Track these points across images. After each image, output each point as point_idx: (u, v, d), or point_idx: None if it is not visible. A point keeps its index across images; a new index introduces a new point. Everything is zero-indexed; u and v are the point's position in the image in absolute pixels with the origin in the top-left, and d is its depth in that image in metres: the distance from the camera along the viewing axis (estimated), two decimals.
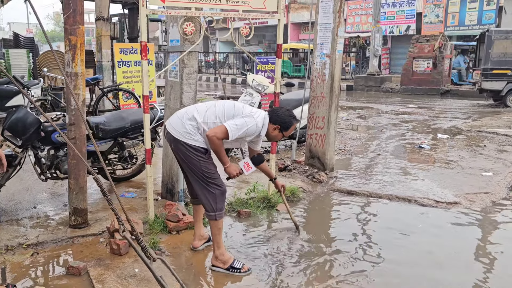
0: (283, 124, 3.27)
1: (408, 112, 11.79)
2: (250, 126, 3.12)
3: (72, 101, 3.70)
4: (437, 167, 6.17)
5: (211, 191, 3.19)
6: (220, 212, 3.24)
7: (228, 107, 3.22)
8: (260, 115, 3.22)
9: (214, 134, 3.05)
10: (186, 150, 3.17)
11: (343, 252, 3.64)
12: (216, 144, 3.08)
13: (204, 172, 3.18)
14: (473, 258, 3.59)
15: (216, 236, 3.29)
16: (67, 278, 3.17)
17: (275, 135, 3.32)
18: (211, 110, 3.21)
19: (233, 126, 3.06)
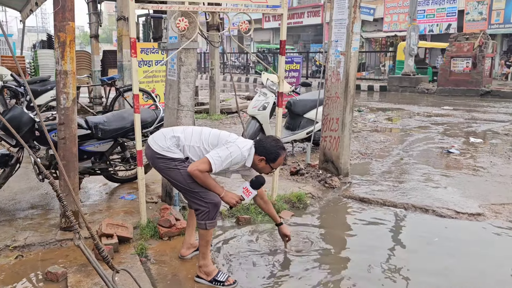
0: (269, 156, 3.04)
1: (441, 114, 11.17)
2: (235, 157, 2.94)
3: (62, 100, 3.58)
4: (464, 174, 5.69)
5: (203, 204, 2.98)
6: (212, 221, 3.02)
7: (213, 134, 3.09)
8: (246, 144, 3.04)
9: (196, 168, 2.88)
10: (165, 163, 3.03)
11: (336, 267, 3.33)
12: (201, 177, 2.91)
13: (194, 190, 2.98)
14: (495, 282, 3.19)
15: (202, 246, 3.07)
16: (44, 284, 3.04)
17: (262, 167, 3.09)
18: (196, 134, 3.09)
19: (216, 158, 2.89)
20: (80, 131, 4.35)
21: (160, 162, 3.06)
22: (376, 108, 12.28)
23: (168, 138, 3.07)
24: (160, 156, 3.03)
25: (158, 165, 3.09)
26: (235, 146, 2.96)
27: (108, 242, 3.46)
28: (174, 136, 3.06)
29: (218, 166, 2.89)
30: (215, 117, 10.19)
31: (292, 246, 3.64)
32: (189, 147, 3.03)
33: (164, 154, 3.03)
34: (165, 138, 3.08)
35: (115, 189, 4.96)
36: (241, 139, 3.09)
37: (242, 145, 3.00)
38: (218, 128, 7.65)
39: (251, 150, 3.05)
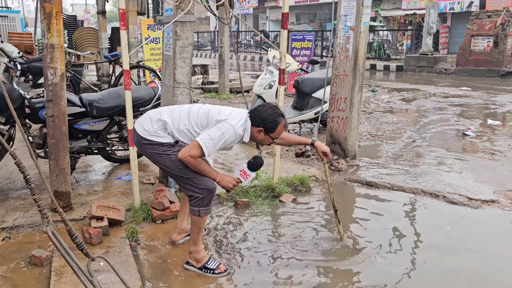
0: (267, 126, 2.74)
1: (459, 95, 10.73)
2: (228, 136, 2.68)
3: (49, 76, 3.40)
4: (479, 157, 5.39)
5: (197, 190, 2.76)
6: (206, 208, 2.81)
7: (203, 113, 2.79)
8: (240, 118, 2.74)
9: (188, 153, 2.64)
10: (153, 149, 2.79)
11: (333, 254, 3.13)
12: (193, 163, 2.67)
13: (187, 176, 2.76)
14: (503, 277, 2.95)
15: (194, 233, 2.88)
16: (27, 268, 2.91)
17: (262, 138, 2.81)
18: (184, 115, 2.80)
19: (207, 141, 2.63)
20: (75, 109, 4.20)
21: (148, 148, 2.82)
22: (391, 88, 11.88)
23: (155, 122, 2.81)
24: (147, 141, 2.80)
25: (146, 152, 2.86)
26: (227, 125, 2.66)
27: (97, 225, 3.31)
28: (160, 120, 2.80)
29: (211, 149, 2.64)
30: (224, 96, 9.97)
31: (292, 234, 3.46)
32: (178, 131, 2.76)
33: (151, 139, 2.79)
34: (152, 121, 2.82)
35: (113, 169, 4.81)
36: (235, 113, 2.76)
37: (235, 121, 2.70)
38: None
39: (247, 124, 2.76)
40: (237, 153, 5.43)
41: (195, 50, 30.17)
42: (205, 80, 12.21)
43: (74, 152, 4.33)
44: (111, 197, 3.98)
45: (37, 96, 3.97)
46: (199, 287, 2.72)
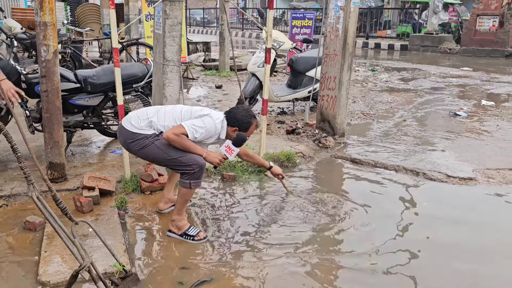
0: (241, 126, 3.07)
1: (459, 75, 10.74)
2: (209, 128, 2.96)
3: (42, 52, 3.56)
4: (465, 137, 5.51)
5: (188, 168, 2.94)
6: (197, 181, 3.00)
7: (186, 111, 3.07)
8: (218, 117, 3.05)
9: (172, 131, 2.88)
10: (139, 143, 2.98)
11: (310, 223, 3.32)
12: (177, 140, 2.88)
13: (174, 157, 2.94)
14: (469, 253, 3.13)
15: (180, 204, 3.07)
16: (21, 232, 3.14)
17: None
18: (168, 113, 3.05)
19: (191, 125, 2.90)
20: (69, 85, 4.36)
21: (135, 146, 3.00)
22: (391, 67, 11.89)
23: (142, 119, 3.02)
24: (133, 139, 2.99)
25: (133, 149, 3.05)
26: (208, 119, 2.97)
27: (89, 194, 3.53)
28: (147, 118, 3.01)
29: (192, 133, 2.89)
30: (224, 74, 10.08)
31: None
32: (163, 126, 2.98)
33: (137, 133, 2.98)
34: (139, 118, 3.03)
35: (109, 143, 5.01)
36: (214, 112, 3.09)
37: (215, 117, 3.02)
38: (226, 85, 7.53)
39: (224, 123, 3.06)
40: None
41: (200, 27, 30.05)
42: (207, 57, 12.29)
43: (70, 126, 4.53)
44: (104, 170, 4.18)
45: (33, 71, 4.13)
46: (178, 251, 2.93)
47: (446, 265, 2.84)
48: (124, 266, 2.55)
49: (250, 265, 2.79)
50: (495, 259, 2.93)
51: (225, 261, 2.83)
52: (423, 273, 2.75)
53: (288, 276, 2.68)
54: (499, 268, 2.83)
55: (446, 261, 2.88)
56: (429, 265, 2.84)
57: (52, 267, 2.68)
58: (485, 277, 2.73)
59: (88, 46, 11.62)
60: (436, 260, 2.89)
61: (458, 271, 2.79)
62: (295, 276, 2.68)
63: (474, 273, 2.76)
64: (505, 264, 2.88)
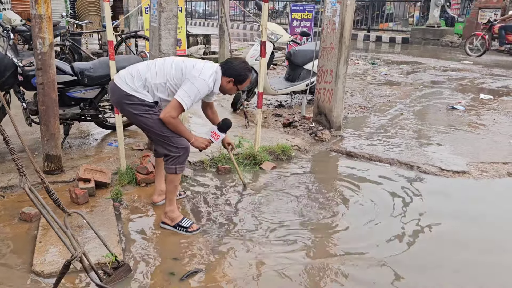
0: (238, 77, 3.05)
1: (459, 68, 10.71)
2: (202, 91, 2.95)
3: (38, 45, 3.59)
4: (461, 130, 5.53)
5: (173, 150, 3.00)
6: (181, 166, 3.06)
7: (177, 67, 2.99)
8: (211, 73, 2.98)
9: (169, 114, 2.89)
10: (136, 108, 2.96)
11: (301, 215, 3.36)
12: (173, 123, 2.93)
13: (167, 136, 2.98)
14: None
15: (170, 192, 3.13)
16: (18, 223, 3.19)
17: (229, 88, 3.11)
18: (159, 69, 3.00)
19: (186, 98, 2.89)
20: (66, 77, 4.39)
21: (131, 108, 2.96)
22: (391, 61, 11.86)
23: (136, 78, 2.96)
24: (129, 100, 2.94)
25: (127, 111, 3.00)
26: (200, 81, 2.91)
27: (84, 186, 3.57)
28: (140, 76, 2.96)
29: (189, 104, 2.91)
30: None
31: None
32: (156, 85, 2.96)
33: (134, 95, 2.94)
34: (133, 78, 2.97)
35: (106, 136, 5.05)
36: (206, 67, 2.99)
37: (207, 75, 2.95)
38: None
39: (217, 75, 3.02)
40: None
41: (202, 19, 29.94)
42: (207, 50, 12.28)
43: (67, 118, 4.56)
44: (100, 162, 4.22)
45: (30, 64, 4.16)
46: (171, 243, 2.97)
47: (446, 258, 2.88)
48: (117, 256, 2.59)
49: (242, 257, 2.84)
50: (495, 250, 2.97)
51: (217, 252, 2.88)
52: (421, 267, 2.79)
53: (280, 269, 2.72)
54: (499, 260, 2.87)
55: (445, 254, 2.92)
56: (426, 258, 2.88)
57: (46, 257, 2.73)
58: (487, 268, 2.77)
59: (88, 38, 11.62)
60: (434, 253, 2.92)
61: (459, 263, 2.83)
62: (288, 269, 2.71)
63: (475, 264, 2.80)
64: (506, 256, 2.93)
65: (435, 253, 2.92)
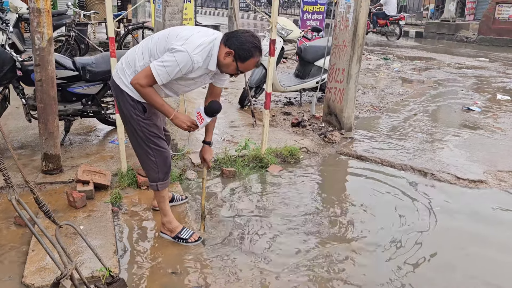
0: (239, 50, 2.39)
1: (474, 66, 10.40)
2: (183, 64, 2.37)
3: (36, 40, 3.42)
4: (478, 134, 5.29)
5: (150, 157, 2.76)
6: (163, 182, 2.85)
7: (162, 37, 2.49)
8: (200, 43, 2.40)
9: (137, 80, 2.43)
10: (127, 102, 2.64)
11: (310, 224, 3.18)
12: (143, 92, 2.46)
13: (144, 130, 2.68)
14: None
15: (161, 204, 2.95)
16: (12, 228, 3.06)
17: (227, 63, 2.45)
18: (145, 47, 2.54)
19: (159, 67, 2.37)
20: (67, 73, 4.24)
21: (121, 103, 2.66)
22: (404, 56, 11.56)
23: (126, 67, 2.59)
24: (121, 95, 2.63)
25: (118, 105, 2.72)
26: (181, 53, 2.36)
27: (82, 189, 3.42)
28: (129, 62, 2.58)
29: (163, 77, 2.40)
30: None
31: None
32: (142, 67, 2.50)
33: (125, 90, 2.59)
34: (124, 68, 2.61)
35: (109, 132, 4.90)
36: (194, 39, 2.41)
37: (192, 46, 2.37)
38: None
39: (214, 48, 2.43)
40: (236, 125, 5.45)
41: (212, 8, 29.61)
42: None
43: (69, 115, 4.42)
44: (101, 161, 4.08)
45: (29, 58, 4.00)
46: (170, 254, 2.82)
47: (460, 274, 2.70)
48: (111, 271, 2.44)
49: (245, 272, 2.68)
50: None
51: (219, 266, 2.72)
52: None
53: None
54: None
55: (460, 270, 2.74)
56: (437, 271, 2.70)
57: (38, 268, 2.59)
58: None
59: (96, 27, 11.46)
60: (450, 269, 2.75)
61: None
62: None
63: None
64: None
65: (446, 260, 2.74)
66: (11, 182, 2.13)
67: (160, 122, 2.84)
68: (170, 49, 2.41)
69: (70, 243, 2.84)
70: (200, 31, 2.51)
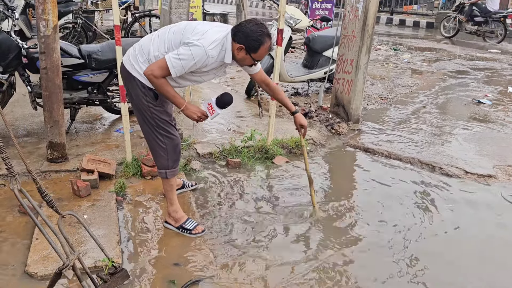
0: (248, 44, 2.45)
1: (486, 57, 10.22)
2: (199, 59, 2.43)
3: (41, 28, 3.39)
4: (488, 128, 5.21)
5: (161, 144, 2.76)
6: (172, 170, 2.85)
7: (177, 31, 2.54)
8: (216, 38, 2.47)
9: (151, 72, 2.46)
10: (138, 89, 2.64)
11: (316, 221, 3.15)
12: (156, 83, 2.49)
13: (155, 117, 2.68)
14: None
15: (168, 192, 2.94)
16: (16, 216, 3.06)
17: (242, 57, 2.53)
18: (161, 38, 2.57)
19: (175, 59, 2.42)
20: (73, 60, 4.21)
21: (131, 89, 2.67)
22: (415, 47, 11.39)
23: (139, 54, 2.60)
24: (130, 80, 2.64)
25: (128, 92, 2.72)
26: (197, 47, 2.42)
27: (87, 178, 3.41)
28: (142, 50, 2.59)
29: (178, 70, 2.45)
30: None
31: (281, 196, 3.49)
32: (157, 58, 2.52)
33: (137, 77, 2.60)
34: (136, 55, 2.62)
35: (115, 121, 4.88)
36: (210, 33, 2.47)
37: (208, 41, 2.44)
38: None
39: (227, 43, 2.49)
40: (242, 115, 5.40)
41: None
42: None
43: (75, 103, 4.40)
44: (106, 150, 4.06)
45: (34, 46, 3.98)
46: (173, 245, 2.80)
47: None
48: (114, 261, 2.43)
49: (249, 264, 2.65)
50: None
51: (222, 259, 2.70)
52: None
53: (292, 280, 2.53)
54: None
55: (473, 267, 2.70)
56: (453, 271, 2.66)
57: (41, 257, 2.58)
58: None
59: (104, 14, 11.42)
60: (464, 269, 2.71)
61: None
62: (301, 283, 2.52)
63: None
64: None
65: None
66: (14, 171, 2.11)
67: (170, 109, 2.84)
68: (186, 43, 2.45)
69: (74, 233, 2.83)
70: (217, 26, 2.57)
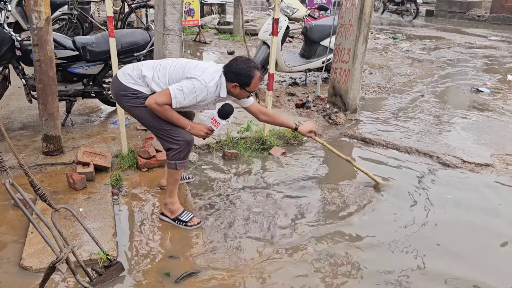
0: (241, 81, 2.71)
1: (485, 45, 10.16)
2: (199, 93, 2.65)
3: (34, 19, 3.35)
4: (486, 117, 5.18)
5: (174, 143, 2.79)
6: (182, 161, 2.85)
7: (179, 67, 2.75)
8: (214, 77, 2.70)
9: (154, 100, 2.62)
10: (129, 101, 2.77)
11: (312, 211, 3.14)
12: (160, 111, 2.66)
13: (165, 128, 2.77)
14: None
15: (170, 184, 2.93)
16: (12, 209, 3.05)
17: (238, 93, 2.79)
18: (163, 69, 2.76)
19: (177, 90, 2.62)
20: (67, 52, 4.17)
21: (125, 101, 2.80)
22: (414, 35, 11.32)
23: (136, 69, 2.80)
24: (124, 92, 2.77)
25: (123, 104, 2.85)
26: (199, 82, 2.65)
27: (82, 170, 3.40)
28: (141, 72, 2.77)
29: (179, 100, 2.63)
30: (238, 38, 9.74)
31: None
32: (158, 84, 2.73)
33: (129, 87, 2.76)
34: (133, 69, 2.81)
35: (111, 113, 4.86)
36: (210, 71, 2.72)
37: (208, 79, 2.68)
38: (238, 51, 7.11)
39: (222, 80, 2.74)
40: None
41: None
42: (222, 20, 11.90)
43: (70, 95, 4.37)
44: (102, 143, 4.05)
45: (28, 38, 3.93)
46: (169, 238, 2.80)
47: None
48: (109, 254, 2.43)
49: (246, 255, 2.65)
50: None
51: (218, 251, 2.69)
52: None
53: (288, 273, 2.53)
54: None
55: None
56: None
57: (36, 251, 2.58)
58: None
59: (101, 5, 11.33)
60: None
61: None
62: (298, 275, 2.51)
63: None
64: None
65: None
66: (5, 166, 2.10)
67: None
68: (189, 77, 2.66)
69: (69, 226, 2.83)
70: (213, 65, 2.80)
